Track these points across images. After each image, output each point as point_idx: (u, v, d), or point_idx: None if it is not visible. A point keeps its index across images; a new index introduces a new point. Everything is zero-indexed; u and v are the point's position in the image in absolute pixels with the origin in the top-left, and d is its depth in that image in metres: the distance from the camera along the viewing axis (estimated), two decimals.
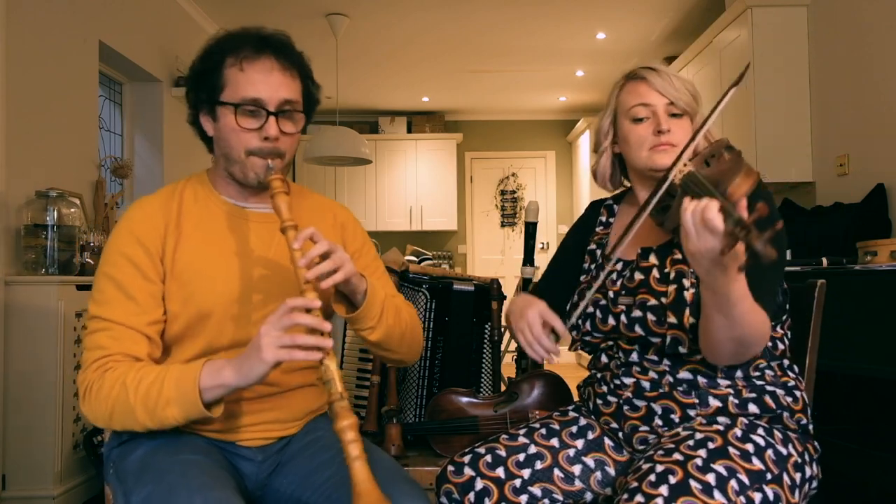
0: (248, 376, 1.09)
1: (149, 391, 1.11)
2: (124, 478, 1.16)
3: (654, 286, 1.23)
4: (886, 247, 2.39)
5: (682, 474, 1.05)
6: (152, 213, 1.25)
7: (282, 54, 1.25)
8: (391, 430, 1.73)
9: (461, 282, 1.99)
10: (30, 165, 2.78)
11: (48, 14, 2.94)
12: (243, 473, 1.26)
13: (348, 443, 1.03)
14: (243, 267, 1.26)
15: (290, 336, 1.06)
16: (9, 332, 2.55)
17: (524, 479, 1.25)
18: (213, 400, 1.11)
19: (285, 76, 1.24)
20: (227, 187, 1.31)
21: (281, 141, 1.24)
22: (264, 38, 1.25)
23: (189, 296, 1.21)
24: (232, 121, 1.22)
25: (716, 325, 1.08)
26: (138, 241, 1.21)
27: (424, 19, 4.70)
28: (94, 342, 1.17)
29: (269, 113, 1.22)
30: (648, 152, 1.29)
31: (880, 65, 2.97)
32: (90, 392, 1.15)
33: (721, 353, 1.12)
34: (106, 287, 1.19)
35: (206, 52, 1.26)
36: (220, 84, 1.23)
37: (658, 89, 1.29)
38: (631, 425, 1.25)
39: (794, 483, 1.12)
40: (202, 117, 1.28)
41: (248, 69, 1.22)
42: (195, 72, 1.27)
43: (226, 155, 1.26)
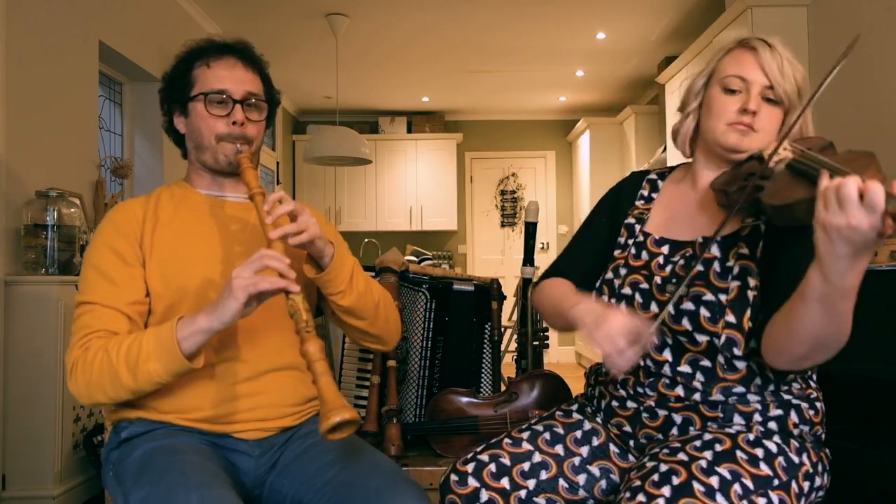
0: (223, 316, 1.14)
1: (129, 350, 1.16)
2: (123, 479, 1.17)
3: (713, 280, 1.14)
4: (886, 247, 2.39)
5: (686, 475, 1.03)
6: (131, 207, 1.35)
7: (244, 55, 1.39)
8: (391, 430, 1.73)
9: (461, 282, 1.99)
10: (30, 165, 2.78)
11: (48, 14, 2.94)
12: (241, 470, 1.27)
13: (313, 361, 1.10)
14: (221, 249, 1.33)
15: (258, 276, 1.13)
16: (9, 332, 2.55)
17: (529, 490, 1.22)
18: (192, 349, 1.16)
19: (248, 73, 1.38)
20: (201, 180, 1.41)
21: (247, 127, 1.35)
22: (228, 43, 1.40)
23: (169, 275, 1.28)
24: (202, 109, 1.34)
25: (809, 317, 0.96)
26: (118, 230, 1.30)
27: (424, 19, 4.70)
28: (79, 325, 1.24)
29: (235, 101, 1.34)
30: (725, 126, 1.19)
31: (880, 65, 2.97)
32: (76, 368, 1.21)
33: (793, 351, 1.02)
34: (90, 275, 1.28)
35: (176, 62, 1.41)
36: (190, 83, 1.36)
37: (763, 66, 1.18)
38: (646, 433, 1.20)
39: (802, 491, 1.09)
40: (175, 119, 1.41)
41: (214, 66, 1.36)
42: (167, 80, 1.41)
43: (198, 145, 1.37)
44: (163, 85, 1.42)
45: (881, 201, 0.82)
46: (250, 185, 1.27)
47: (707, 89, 1.26)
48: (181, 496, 1.04)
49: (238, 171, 1.33)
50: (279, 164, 6.64)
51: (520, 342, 2.21)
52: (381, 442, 1.72)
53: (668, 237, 1.26)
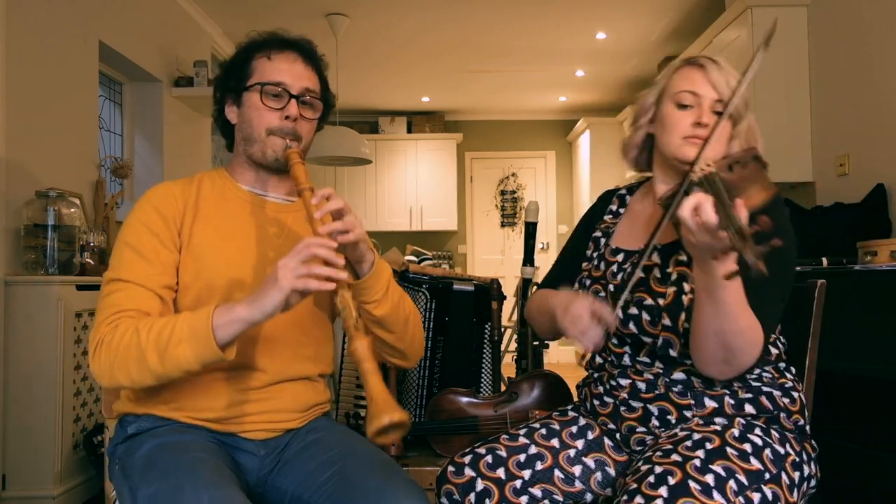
0: (263, 307, 1.09)
1: (161, 332, 1.12)
2: (130, 473, 1.16)
3: (652, 286, 1.22)
4: (886, 247, 2.39)
5: (681, 475, 1.05)
6: (173, 191, 1.31)
7: (306, 52, 1.36)
8: None
9: (461, 282, 1.99)
10: (30, 165, 2.78)
11: (48, 14, 2.94)
12: (245, 469, 1.27)
13: (362, 360, 1.07)
14: (256, 249, 1.31)
15: (306, 266, 1.09)
16: (9, 332, 2.55)
17: (525, 480, 1.25)
18: (227, 339, 1.11)
19: (307, 69, 1.35)
20: (245, 174, 1.37)
21: (300, 124, 1.32)
22: (291, 39, 1.37)
23: (201, 268, 1.26)
24: (257, 100, 1.30)
25: (701, 310, 1.06)
26: (158, 212, 1.27)
27: (424, 19, 4.70)
28: (108, 302, 1.20)
29: (292, 96, 1.31)
30: (680, 141, 1.25)
31: (880, 65, 2.97)
32: (101, 346, 1.15)
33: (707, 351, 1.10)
34: (123, 252, 1.23)
35: (237, 52, 1.37)
36: (248, 73, 1.33)
37: (712, 82, 1.24)
38: (628, 426, 1.25)
39: (793, 482, 1.12)
40: (227, 108, 1.37)
41: (275, 58, 1.33)
42: (225, 69, 1.38)
43: (247, 136, 1.33)
44: (220, 73, 1.38)
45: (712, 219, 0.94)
46: (299, 180, 1.23)
47: (659, 106, 1.31)
48: (190, 494, 1.03)
49: (285, 168, 1.30)
50: None
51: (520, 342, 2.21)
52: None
53: (622, 247, 1.34)
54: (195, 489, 1.04)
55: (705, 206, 0.95)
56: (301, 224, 1.36)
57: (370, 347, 1.09)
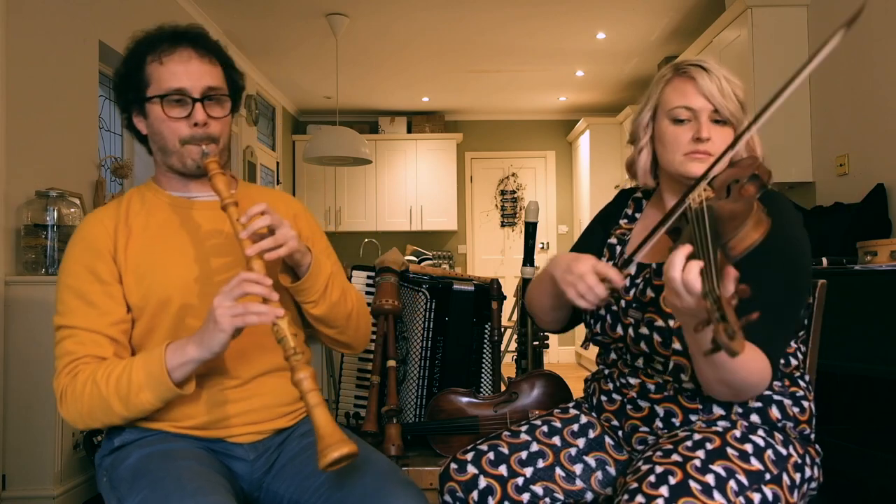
0: (211, 346, 1.13)
1: (118, 381, 1.15)
2: (118, 485, 1.16)
3: (663, 306, 1.19)
4: (886, 247, 2.39)
5: (682, 475, 1.05)
6: (101, 218, 1.29)
7: (198, 44, 1.29)
8: (391, 430, 1.73)
9: (461, 282, 1.99)
10: (30, 165, 2.78)
11: (48, 14, 2.94)
12: (238, 475, 1.26)
13: (306, 392, 1.08)
14: (197, 252, 1.29)
15: (242, 305, 1.11)
16: (9, 332, 2.55)
17: (526, 478, 1.25)
18: (182, 378, 1.15)
19: (204, 64, 1.28)
20: (169, 181, 1.35)
21: (211, 125, 1.27)
22: (179, 31, 1.30)
23: (147, 288, 1.24)
24: (160, 112, 1.26)
25: (702, 368, 1.06)
26: (89, 246, 1.25)
27: (424, 19, 4.70)
28: (61, 350, 1.21)
29: (195, 100, 1.25)
30: (682, 158, 1.23)
31: (880, 65, 2.97)
32: (65, 396, 1.18)
33: (715, 394, 1.10)
34: (66, 297, 1.23)
35: (127, 55, 1.31)
36: (145, 82, 1.27)
37: (705, 93, 1.21)
38: (632, 425, 1.25)
39: (794, 483, 1.12)
40: (135, 119, 1.32)
41: (167, 62, 1.26)
42: (119, 76, 1.31)
43: (161, 148, 1.30)
44: (115, 81, 1.32)
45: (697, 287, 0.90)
46: (221, 194, 1.21)
47: (655, 122, 1.29)
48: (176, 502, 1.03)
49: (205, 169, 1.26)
50: (279, 164, 6.64)
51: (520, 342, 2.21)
52: (381, 442, 1.72)
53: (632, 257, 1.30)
54: (181, 497, 1.04)
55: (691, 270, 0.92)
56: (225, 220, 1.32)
57: (313, 378, 1.10)
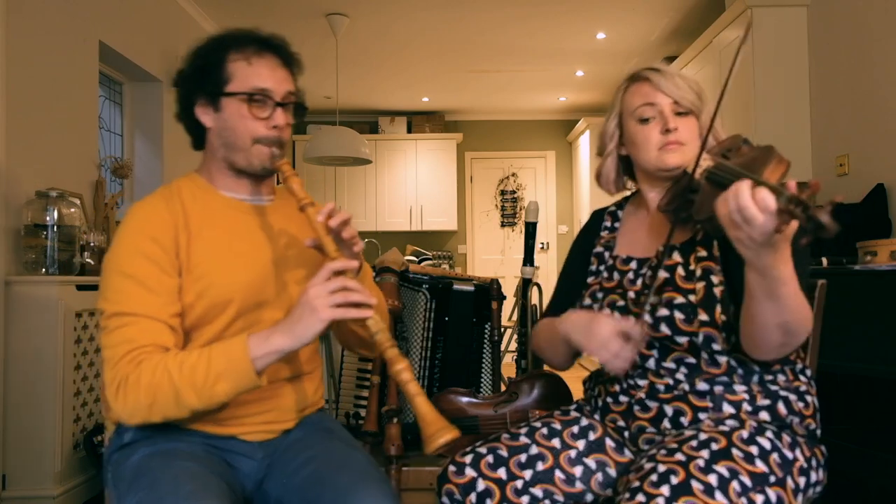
0: (302, 337, 1.13)
1: (194, 369, 1.12)
2: (119, 482, 1.17)
3: (680, 284, 1.22)
4: (886, 247, 2.39)
5: (684, 474, 1.04)
6: (159, 210, 1.26)
7: (283, 53, 1.34)
8: (391, 430, 1.73)
9: (461, 282, 1.99)
10: (30, 165, 2.78)
11: (48, 14, 2.94)
12: (243, 474, 1.26)
13: (406, 382, 1.10)
14: (255, 257, 1.30)
15: (342, 295, 1.12)
16: (9, 332, 2.55)
17: (526, 481, 1.25)
18: (262, 369, 1.14)
19: (286, 73, 1.33)
20: (224, 180, 1.34)
21: (284, 130, 1.31)
22: (266, 38, 1.33)
23: (205, 288, 1.23)
24: (242, 108, 1.27)
25: (764, 310, 1.05)
26: (152, 238, 1.22)
27: (424, 19, 4.70)
28: (119, 337, 1.15)
29: (277, 103, 1.29)
30: (658, 152, 1.28)
31: (880, 65, 2.97)
32: (125, 385, 1.12)
33: (768, 342, 1.09)
34: (122, 284, 1.18)
35: (206, 48, 1.31)
36: (225, 77, 1.28)
37: (662, 89, 1.29)
38: (639, 426, 1.24)
39: (798, 487, 1.11)
40: (199, 109, 1.31)
41: (255, 63, 1.29)
42: (195, 67, 1.30)
43: (229, 143, 1.30)
44: (187, 70, 1.31)
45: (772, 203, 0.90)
46: (299, 195, 1.24)
47: (623, 128, 1.36)
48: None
49: (269, 174, 1.32)
50: None
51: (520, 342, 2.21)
52: (381, 442, 1.72)
53: (633, 255, 1.34)
54: (175, 500, 1.04)
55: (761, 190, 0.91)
56: (288, 223, 1.36)
57: (410, 370, 1.12)
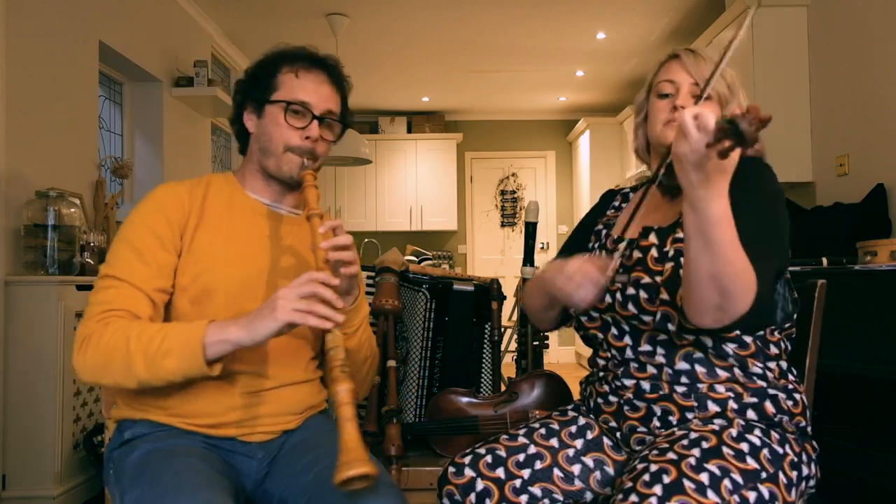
0: (256, 333, 1.12)
1: (151, 339, 1.13)
2: (121, 478, 1.17)
3: (650, 265, 1.23)
4: (886, 247, 2.39)
5: (676, 473, 1.05)
6: (179, 192, 1.31)
7: (333, 73, 1.39)
8: (391, 430, 1.73)
9: (461, 282, 1.99)
10: (30, 165, 2.78)
11: (48, 14, 2.94)
12: (242, 472, 1.26)
13: (341, 404, 1.07)
14: (257, 257, 1.32)
15: (306, 302, 1.11)
16: (9, 332, 2.55)
17: (524, 480, 1.25)
18: (215, 357, 1.13)
19: (332, 91, 1.37)
20: (255, 183, 1.39)
21: (318, 144, 1.34)
22: (320, 56, 1.39)
23: (200, 272, 1.26)
24: (280, 117, 1.32)
25: (695, 254, 1.03)
26: (163, 213, 1.27)
27: (424, 19, 4.70)
28: (100, 298, 1.20)
29: (315, 116, 1.33)
30: (662, 127, 1.30)
31: (880, 65, 2.97)
32: (88, 342, 1.16)
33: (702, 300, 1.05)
34: (122, 250, 1.24)
35: (265, 60, 1.38)
36: (274, 86, 1.34)
37: (687, 68, 1.29)
38: (629, 425, 1.25)
39: (791, 481, 1.12)
40: (246, 114, 1.38)
41: (302, 77, 1.34)
42: (250, 75, 1.38)
43: (264, 148, 1.35)
44: (244, 78, 1.39)
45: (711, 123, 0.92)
46: (311, 204, 1.26)
47: (648, 102, 1.38)
48: (171, 498, 1.04)
49: (297, 184, 1.34)
50: None
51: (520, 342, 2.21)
52: (380, 442, 1.72)
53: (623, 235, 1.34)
54: (177, 494, 1.05)
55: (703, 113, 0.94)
56: (303, 238, 1.37)
57: (352, 393, 1.08)
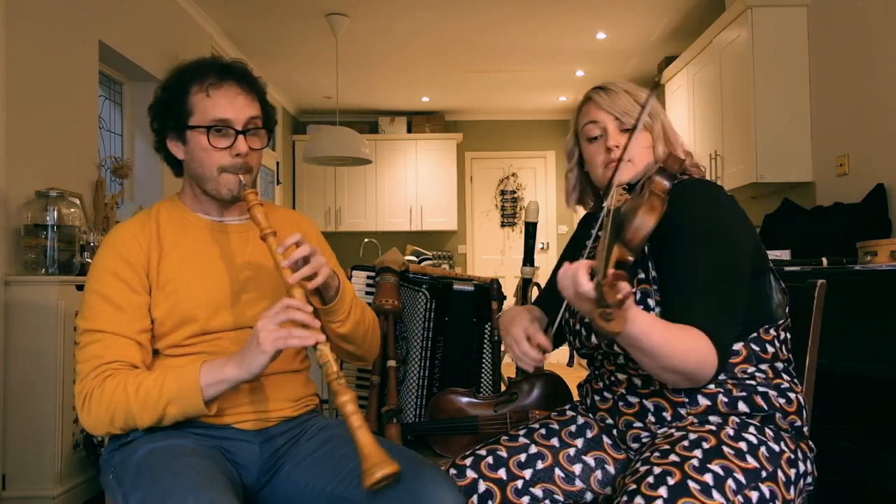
0: (251, 368, 1.17)
1: (149, 392, 1.18)
2: (122, 481, 1.18)
3: None
4: (886, 247, 2.39)
5: (680, 475, 1.05)
6: (133, 232, 1.33)
7: (243, 80, 1.36)
8: (391, 430, 1.73)
9: (461, 282, 1.99)
10: (30, 165, 2.78)
11: (48, 14, 2.94)
12: (242, 465, 1.28)
13: (350, 415, 1.12)
14: (225, 275, 1.35)
15: (286, 331, 1.16)
16: (9, 332, 2.55)
17: (526, 480, 1.26)
18: (213, 397, 1.19)
19: (247, 99, 1.35)
20: (202, 205, 1.40)
21: (250, 156, 1.34)
22: (226, 66, 1.35)
23: (174, 304, 1.29)
24: (204, 141, 1.31)
25: (638, 358, 1.09)
26: (123, 258, 1.29)
27: (424, 19, 4.70)
28: (89, 353, 1.23)
29: (238, 132, 1.32)
30: (603, 170, 1.33)
31: (880, 65, 2.97)
32: (90, 399, 1.20)
33: (667, 381, 1.14)
34: (95, 302, 1.26)
35: (170, 83, 1.35)
36: (188, 110, 1.32)
37: (605, 108, 1.32)
38: (625, 421, 1.26)
39: (789, 479, 1.13)
40: (170, 143, 1.37)
41: (214, 95, 1.32)
42: (161, 101, 1.36)
43: (197, 175, 1.35)
44: (156, 106, 1.37)
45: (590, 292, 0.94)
46: (260, 225, 1.27)
47: (579, 147, 1.41)
48: (175, 498, 1.05)
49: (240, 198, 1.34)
50: (279, 163, 6.63)
51: None
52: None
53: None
54: (181, 493, 1.06)
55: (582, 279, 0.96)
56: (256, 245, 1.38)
57: (355, 401, 1.13)
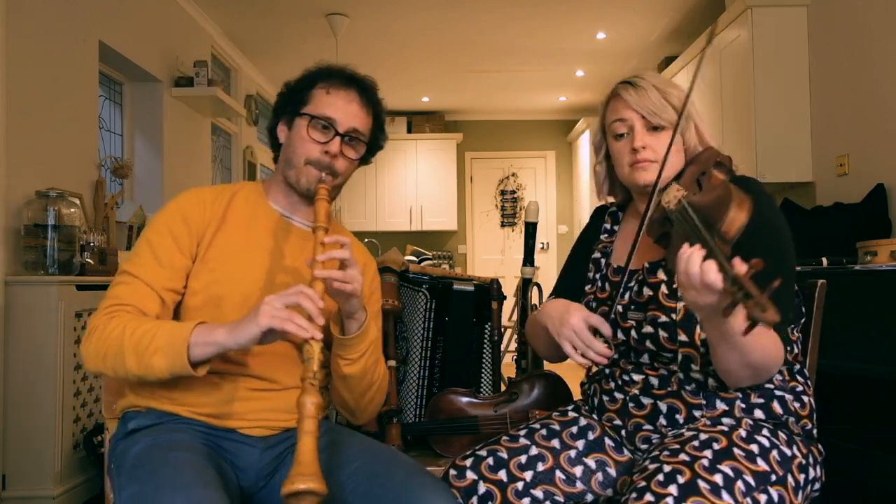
0: (239, 337, 1.14)
1: (142, 338, 1.18)
2: (120, 472, 1.19)
3: (663, 302, 1.22)
4: (886, 247, 2.39)
5: (690, 474, 1.05)
6: (204, 199, 1.36)
7: (365, 94, 1.41)
8: (391, 430, 1.73)
9: (461, 282, 1.99)
10: (30, 165, 2.78)
11: (48, 14, 2.94)
12: (240, 468, 1.28)
13: (305, 417, 1.07)
14: (270, 269, 1.34)
15: (288, 311, 1.13)
16: (9, 332, 2.55)
17: (526, 482, 1.24)
18: (200, 358, 1.16)
19: (362, 111, 1.39)
20: (278, 195, 1.42)
21: (338, 161, 1.36)
22: (355, 76, 1.43)
23: (212, 280, 1.30)
24: (304, 130, 1.35)
25: (724, 355, 1.09)
26: (183, 217, 1.32)
27: (424, 19, 4.70)
28: (113, 292, 1.26)
29: (337, 133, 1.35)
30: (629, 169, 1.30)
31: (880, 65, 2.97)
32: (94, 333, 1.22)
33: (737, 379, 1.14)
34: (142, 249, 1.30)
35: (305, 76, 1.42)
36: (305, 100, 1.38)
37: (633, 106, 1.28)
38: (635, 423, 1.25)
39: (798, 484, 1.12)
40: (280, 126, 1.43)
41: (333, 93, 1.38)
42: (290, 89, 1.42)
43: (288, 159, 1.38)
44: (283, 90, 1.43)
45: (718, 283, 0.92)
46: (318, 216, 1.28)
47: (605, 141, 1.38)
48: (167, 495, 1.05)
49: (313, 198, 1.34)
50: None
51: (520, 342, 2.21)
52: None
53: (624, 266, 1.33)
54: (172, 490, 1.05)
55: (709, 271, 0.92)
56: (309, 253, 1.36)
57: (318, 407, 1.09)
